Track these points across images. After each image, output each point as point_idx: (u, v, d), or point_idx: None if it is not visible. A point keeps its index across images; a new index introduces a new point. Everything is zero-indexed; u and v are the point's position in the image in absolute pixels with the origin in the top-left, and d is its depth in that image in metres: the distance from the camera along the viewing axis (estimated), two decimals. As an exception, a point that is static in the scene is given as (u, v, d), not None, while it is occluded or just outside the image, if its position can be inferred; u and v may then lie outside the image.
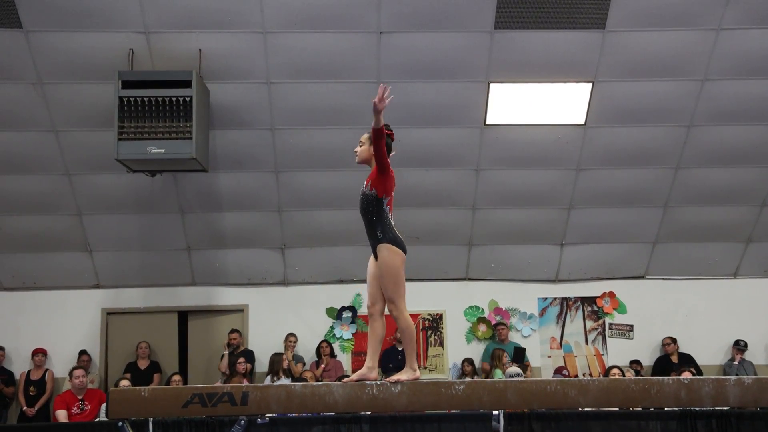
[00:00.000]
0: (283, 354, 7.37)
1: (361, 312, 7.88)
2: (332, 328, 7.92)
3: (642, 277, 8.10)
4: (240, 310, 7.93)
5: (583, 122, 7.01)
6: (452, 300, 7.98)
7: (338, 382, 3.63)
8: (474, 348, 7.93)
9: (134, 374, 7.39)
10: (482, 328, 7.98)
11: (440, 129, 6.98)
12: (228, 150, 6.99)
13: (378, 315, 3.68)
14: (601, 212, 7.61)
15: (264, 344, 7.65)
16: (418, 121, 6.87)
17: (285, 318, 7.79)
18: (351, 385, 3.59)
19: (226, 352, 7.45)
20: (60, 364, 7.57)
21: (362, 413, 5.41)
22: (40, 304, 7.75)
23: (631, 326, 8.07)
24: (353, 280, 7.84)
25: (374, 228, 3.65)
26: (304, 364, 7.60)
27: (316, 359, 7.67)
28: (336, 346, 7.84)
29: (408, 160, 7.18)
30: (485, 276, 8.01)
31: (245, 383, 6.34)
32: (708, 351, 7.91)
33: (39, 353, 7.52)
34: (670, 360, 7.72)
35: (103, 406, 6.51)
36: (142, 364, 7.61)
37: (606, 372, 6.90)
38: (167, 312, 7.89)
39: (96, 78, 6.45)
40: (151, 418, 4.92)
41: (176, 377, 7.03)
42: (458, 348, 7.90)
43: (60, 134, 6.86)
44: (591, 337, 8.05)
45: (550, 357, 7.94)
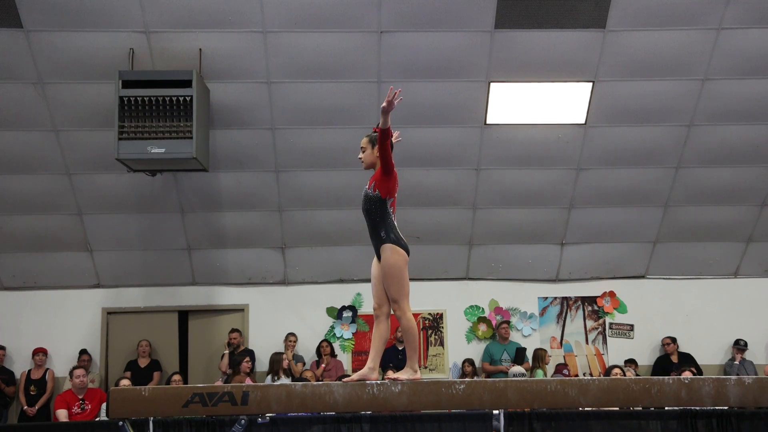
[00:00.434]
0: (284, 353, 7.37)
1: (362, 311, 7.88)
2: (332, 328, 7.92)
3: (642, 277, 8.09)
4: (240, 310, 7.93)
5: (584, 122, 7.01)
6: (452, 299, 7.98)
7: (338, 382, 3.62)
8: (474, 348, 7.93)
9: (135, 372, 7.40)
10: (482, 328, 7.98)
11: (441, 128, 6.98)
12: (228, 150, 6.99)
13: (384, 317, 3.67)
14: (602, 212, 7.61)
15: (264, 344, 7.66)
16: (419, 121, 6.86)
17: (285, 317, 7.79)
18: (351, 385, 3.57)
19: (227, 352, 7.45)
20: (60, 364, 7.58)
21: (362, 413, 5.41)
22: (41, 304, 7.76)
23: (632, 326, 8.06)
24: (353, 280, 7.84)
25: (377, 229, 3.65)
26: (305, 364, 7.60)
27: (317, 359, 7.67)
28: (336, 346, 7.84)
29: (408, 160, 7.18)
30: (486, 275, 8.01)
31: (249, 382, 6.34)
32: (708, 351, 7.91)
33: (39, 353, 7.52)
34: (671, 360, 7.72)
35: (104, 406, 6.52)
36: (143, 363, 7.61)
37: (607, 371, 6.89)
38: (168, 312, 7.89)
39: (96, 77, 6.45)
40: (152, 418, 4.92)
41: (176, 377, 7.03)
42: (458, 347, 7.90)
43: (60, 134, 6.86)
44: (591, 337, 8.05)
45: (551, 356, 7.94)
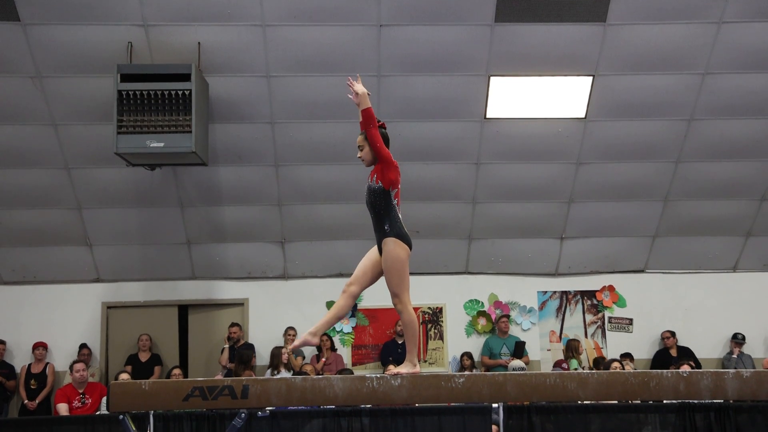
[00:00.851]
0: (283, 347, 7.39)
1: (362, 306, 7.89)
2: (333, 322, 7.93)
3: (642, 271, 8.10)
4: (240, 304, 7.94)
5: (584, 116, 7.00)
6: (452, 293, 7.99)
7: (338, 376, 3.64)
8: (474, 342, 7.94)
9: (135, 366, 7.41)
10: (482, 322, 8.00)
11: (440, 122, 6.97)
12: (227, 144, 6.98)
13: (350, 295, 3.63)
14: (601, 206, 7.61)
15: (264, 338, 7.67)
16: (418, 115, 6.85)
17: (285, 312, 7.80)
18: (351, 379, 3.60)
19: (227, 346, 7.47)
20: (61, 358, 7.59)
21: (362, 406, 5.43)
22: (41, 298, 7.76)
23: (631, 320, 8.08)
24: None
25: (382, 222, 3.63)
26: (304, 358, 7.61)
27: (317, 353, 7.69)
28: (336, 340, 7.85)
29: (408, 154, 7.15)
30: (485, 270, 8.02)
31: (253, 376, 6.36)
32: (707, 344, 7.93)
33: (40, 347, 7.53)
34: (669, 353, 7.73)
35: (104, 400, 6.53)
36: (143, 357, 7.62)
37: (606, 365, 6.91)
38: (167, 306, 7.89)
39: (95, 71, 6.43)
40: (152, 412, 4.94)
41: (176, 371, 7.04)
42: (458, 341, 7.92)
43: (59, 128, 6.84)
44: (590, 331, 8.07)
45: (550, 350, 7.96)
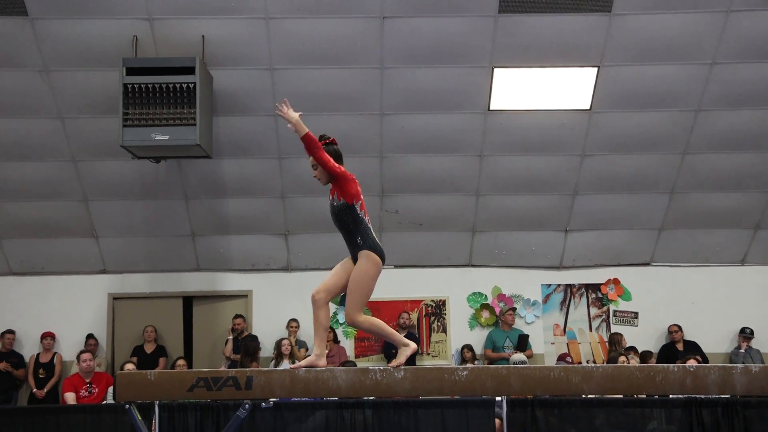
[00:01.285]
0: (286, 339, 7.42)
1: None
2: (336, 314, 7.95)
3: (647, 264, 8.05)
4: (244, 296, 7.98)
5: (589, 107, 6.94)
6: (455, 286, 7.98)
7: (342, 368, 3.65)
8: (477, 334, 7.94)
9: (140, 358, 7.47)
10: (485, 315, 7.99)
11: (444, 114, 6.94)
12: (232, 136, 6.99)
13: (323, 303, 3.65)
14: (606, 198, 7.56)
15: (267, 329, 7.70)
16: (422, 107, 6.83)
17: (288, 303, 7.81)
18: (354, 371, 3.61)
19: (231, 338, 7.51)
20: (68, 348, 7.67)
21: (365, 398, 5.44)
22: (48, 289, 7.84)
23: (636, 313, 8.04)
24: (357, 266, 7.84)
25: (353, 236, 3.59)
26: (307, 350, 7.64)
27: (321, 345, 7.71)
28: (339, 332, 7.88)
29: (411, 146, 7.14)
30: (489, 262, 8.00)
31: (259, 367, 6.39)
32: (714, 339, 7.86)
33: (47, 337, 7.61)
34: (676, 347, 7.69)
35: (111, 389, 6.60)
36: (149, 348, 7.68)
37: (613, 359, 6.87)
38: (172, 297, 7.95)
39: (101, 65, 6.46)
40: (157, 401, 4.99)
41: (181, 362, 7.10)
42: (461, 334, 7.91)
43: (66, 121, 6.89)
44: (595, 324, 8.04)
45: (554, 344, 7.94)
